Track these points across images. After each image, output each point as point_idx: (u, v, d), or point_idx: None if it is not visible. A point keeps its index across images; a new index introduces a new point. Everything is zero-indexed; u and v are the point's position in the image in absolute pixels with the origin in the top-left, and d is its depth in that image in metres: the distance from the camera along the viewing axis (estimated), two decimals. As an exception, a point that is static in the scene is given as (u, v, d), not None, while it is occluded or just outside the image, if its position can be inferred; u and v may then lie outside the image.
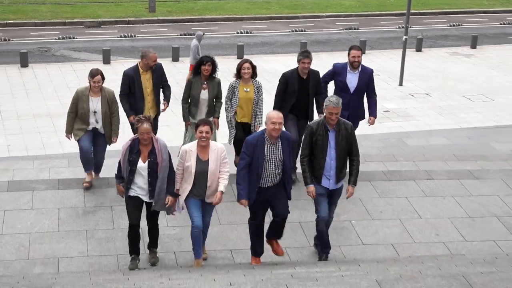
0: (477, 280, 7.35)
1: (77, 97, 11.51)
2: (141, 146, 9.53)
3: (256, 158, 9.36)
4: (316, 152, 9.75)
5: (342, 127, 9.77)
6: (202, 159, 9.45)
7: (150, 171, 9.51)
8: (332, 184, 9.83)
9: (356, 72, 12.10)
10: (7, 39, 28.10)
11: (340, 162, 9.80)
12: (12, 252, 10.05)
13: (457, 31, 32.29)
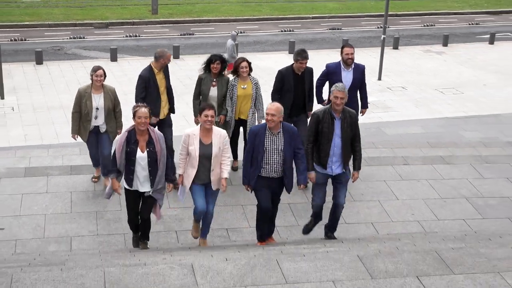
0: (448, 255, 7.37)
1: (79, 96, 10.88)
2: (138, 136, 8.89)
3: (257, 147, 9.02)
4: (321, 139, 9.28)
5: (347, 115, 9.32)
6: (204, 143, 8.99)
7: (149, 160, 8.89)
8: (335, 170, 9.40)
9: (350, 69, 11.47)
10: (23, 39, 28.06)
11: (345, 149, 9.34)
12: (29, 231, 10.05)
13: (430, 31, 32.30)
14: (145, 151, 8.88)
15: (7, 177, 11.72)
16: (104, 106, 10.96)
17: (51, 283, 6.49)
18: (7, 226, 10.16)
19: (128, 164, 8.92)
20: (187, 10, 33.94)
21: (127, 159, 8.90)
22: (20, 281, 6.49)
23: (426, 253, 7.44)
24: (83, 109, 10.77)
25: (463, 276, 6.95)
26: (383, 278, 6.87)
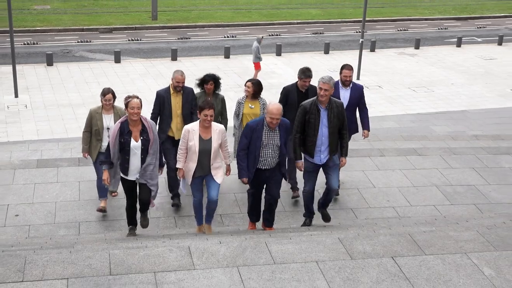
0: (420, 238, 7.39)
1: (90, 116, 10.01)
2: (131, 126, 8.51)
3: (254, 142, 8.62)
4: (308, 130, 8.85)
5: (333, 106, 8.86)
6: (204, 138, 8.60)
7: (143, 148, 8.53)
8: (323, 159, 9.00)
9: (347, 88, 10.53)
10: (35, 43, 27.98)
11: (332, 138, 8.91)
12: (41, 217, 10.03)
13: (403, 35, 32.37)
14: (139, 140, 8.53)
15: (20, 168, 11.68)
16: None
17: (61, 264, 6.48)
18: (21, 212, 10.13)
19: (123, 154, 8.59)
20: (184, 17, 33.89)
21: (121, 149, 8.55)
22: (33, 262, 6.48)
23: (400, 236, 7.46)
24: (93, 128, 9.97)
25: (433, 256, 6.98)
26: (362, 259, 6.89)
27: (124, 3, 36.39)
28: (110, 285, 6.18)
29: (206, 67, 24.75)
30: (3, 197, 10.60)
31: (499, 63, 27.39)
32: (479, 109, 20.62)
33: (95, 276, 6.32)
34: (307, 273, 6.56)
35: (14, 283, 6.11)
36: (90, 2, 36.09)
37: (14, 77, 20.59)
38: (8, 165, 12.00)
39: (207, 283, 6.30)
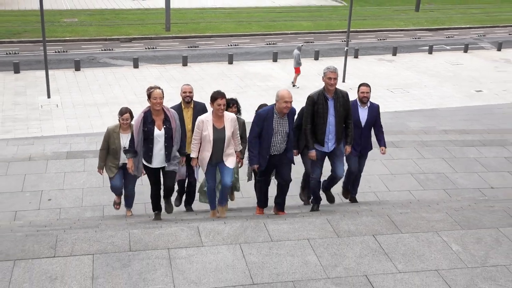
0: (397, 218, 7.38)
1: (108, 135, 9.06)
2: (154, 116, 7.94)
3: (266, 130, 7.95)
4: (317, 120, 8.18)
5: (339, 96, 8.25)
6: (218, 128, 7.90)
7: (166, 136, 7.96)
8: (331, 146, 8.37)
9: (365, 107, 9.34)
10: (65, 51, 28.01)
11: (339, 127, 8.29)
12: (71, 201, 10.04)
13: (382, 44, 32.35)
14: (162, 129, 7.95)
15: (52, 159, 11.69)
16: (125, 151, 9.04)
17: (88, 242, 6.47)
18: (54, 197, 10.14)
19: (147, 143, 7.99)
20: (193, 28, 33.85)
21: (145, 138, 7.97)
22: (63, 241, 6.47)
23: (380, 217, 7.45)
24: (111, 147, 9.06)
25: (408, 234, 6.97)
26: (347, 237, 6.87)
27: (141, 16, 36.34)
28: (130, 260, 6.17)
29: (212, 71, 24.79)
30: (38, 184, 10.61)
31: (465, 68, 27.40)
32: (448, 108, 20.67)
33: (117, 252, 6.31)
34: (299, 249, 6.55)
35: (47, 258, 6.11)
36: (112, 16, 36.04)
37: (47, 80, 20.62)
38: (42, 156, 12.01)
39: (214, 258, 6.30)
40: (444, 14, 41.58)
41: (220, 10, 39.58)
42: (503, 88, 23.88)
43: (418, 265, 6.35)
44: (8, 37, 29.76)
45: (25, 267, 5.94)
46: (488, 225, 7.32)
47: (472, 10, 43.38)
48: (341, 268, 6.25)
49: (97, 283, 5.78)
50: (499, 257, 6.60)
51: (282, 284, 5.92)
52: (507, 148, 12.98)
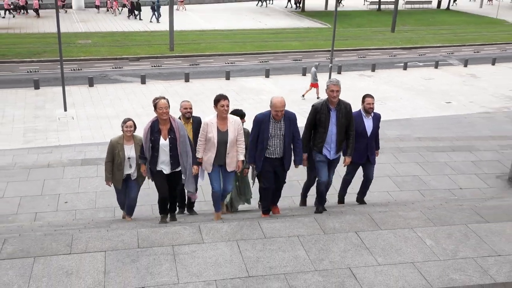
0: (377, 216, 7.38)
1: (112, 147, 8.38)
2: (160, 125, 7.40)
3: (262, 133, 7.47)
4: (319, 128, 7.74)
5: (342, 107, 7.81)
6: (221, 130, 7.44)
7: (171, 146, 7.39)
8: (332, 154, 7.84)
9: (370, 117, 8.91)
10: (80, 69, 27.99)
11: (340, 136, 7.78)
12: (85, 203, 9.98)
13: (362, 61, 32.44)
14: (167, 139, 7.41)
15: (69, 166, 11.65)
16: (135, 155, 8.42)
17: (100, 239, 6.44)
18: (70, 200, 10.09)
19: (153, 151, 7.49)
20: (194, 48, 33.88)
21: (152, 146, 7.47)
22: (78, 239, 6.43)
23: (362, 215, 7.45)
24: (116, 159, 8.40)
25: (387, 231, 6.96)
26: (332, 233, 6.87)
27: (148, 38, 36.35)
28: (138, 255, 6.14)
29: (211, 87, 24.79)
30: (55, 188, 10.55)
31: (436, 82, 27.52)
32: (421, 117, 20.72)
33: (127, 249, 6.28)
34: (290, 245, 6.53)
35: (64, 255, 6.07)
36: (122, 37, 36.03)
37: (64, 95, 20.59)
38: (59, 163, 11.96)
39: (213, 253, 6.27)
40: (417, 35, 41.77)
41: (218, 32, 39.64)
42: (470, 100, 23.99)
43: (396, 258, 6.35)
44: (29, 57, 29.73)
45: (44, 263, 5.90)
46: (458, 222, 7.33)
47: (441, 31, 43.62)
48: (327, 261, 6.24)
49: (109, 277, 5.75)
50: (468, 250, 6.61)
51: (274, 277, 5.91)
52: (474, 153, 13.03)
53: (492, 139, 15.20)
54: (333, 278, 5.91)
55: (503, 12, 53.84)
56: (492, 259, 6.44)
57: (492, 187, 11.03)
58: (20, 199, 10.09)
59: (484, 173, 11.73)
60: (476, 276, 6.09)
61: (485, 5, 60.01)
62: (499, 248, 6.69)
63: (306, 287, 5.75)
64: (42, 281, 5.62)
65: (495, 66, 31.88)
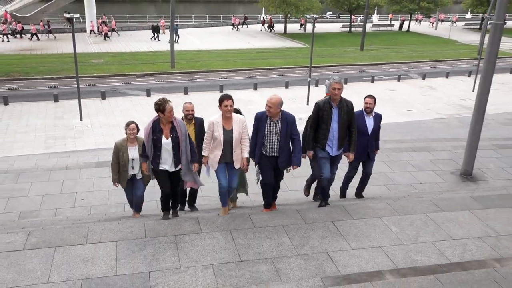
0: (350, 208, 7.40)
1: (117, 149, 7.86)
2: (162, 125, 6.72)
3: (259, 130, 6.94)
4: (321, 124, 7.12)
5: (344, 105, 7.14)
6: (227, 129, 6.81)
7: (174, 145, 6.72)
8: (334, 151, 7.24)
9: (371, 116, 8.30)
10: (93, 84, 27.83)
11: (342, 133, 7.15)
12: (99, 200, 9.91)
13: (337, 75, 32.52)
14: (169, 138, 6.73)
15: (84, 168, 11.57)
16: (139, 157, 7.85)
17: (112, 231, 6.39)
18: (86, 197, 10.01)
19: (155, 150, 6.77)
20: (192, 65, 33.81)
21: (154, 146, 6.77)
22: (93, 231, 6.38)
23: (337, 207, 7.46)
24: (121, 160, 7.87)
25: (359, 220, 6.98)
26: (312, 223, 6.87)
27: (152, 57, 36.22)
28: (145, 244, 6.10)
29: (207, 98, 24.75)
30: (73, 187, 10.47)
31: (399, 93, 27.70)
32: (387, 123, 20.62)
33: (135, 239, 6.24)
34: (276, 233, 6.52)
35: (81, 245, 6.01)
36: (130, 57, 35.87)
37: (80, 107, 20.45)
38: (76, 166, 11.87)
39: (210, 242, 6.24)
40: (382, 53, 42.02)
41: (213, 51, 39.61)
42: (428, 108, 24.17)
43: (366, 243, 6.37)
44: (50, 74, 29.52)
45: (64, 252, 5.85)
46: (419, 211, 7.37)
47: (403, 49, 43.92)
48: (308, 247, 6.23)
49: (120, 263, 5.71)
50: (427, 235, 6.64)
51: (263, 261, 5.89)
52: (431, 153, 13.11)
53: (447, 141, 15.32)
54: (313, 261, 5.91)
55: (454, 34, 54.40)
56: (447, 242, 6.48)
57: (447, 181, 11.12)
58: (43, 197, 10.00)
59: (440, 170, 11.82)
60: (434, 257, 6.13)
61: (439, 27, 60.61)
62: (453, 233, 6.73)
63: (290, 269, 5.74)
64: (62, 267, 5.56)
65: (449, 79, 32.17)
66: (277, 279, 5.55)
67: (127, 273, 5.52)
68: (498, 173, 11.52)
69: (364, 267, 5.86)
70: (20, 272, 5.45)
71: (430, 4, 54.53)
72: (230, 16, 57.49)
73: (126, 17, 54.31)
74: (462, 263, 6.01)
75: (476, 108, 11.08)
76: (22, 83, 27.62)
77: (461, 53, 42.85)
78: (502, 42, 11.61)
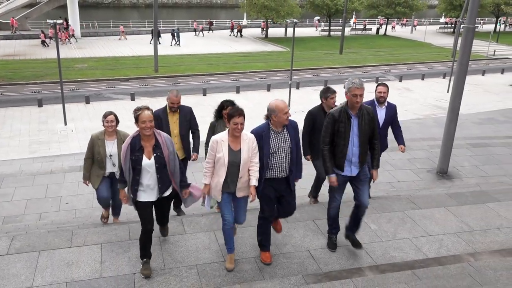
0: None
1: (92, 143, 6.65)
2: (143, 142, 5.10)
3: (261, 149, 5.29)
4: (338, 140, 5.49)
5: (364, 112, 5.54)
6: (233, 149, 5.21)
7: (158, 166, 5.10)
8: (354, 170, 5.62)
9: (383, 107, 7.49)
10: (77, 89, 27.40)
11: (363, 148, 5.55)
12: (83, 203, 9.77)
13: (317, 78, 32.72)
14: (152, 157, 5.11)
15: (69, 172, 11.41)
16: (118, 152, 6.57)
17: (97, 234, 6.32)
18: (70, 201, 9.86)
19: (134, 174, 5.10)
20: (176, 69, 33.62)
21: (132, 168, 5.09)
22: (78, 234, 6.30)
23: (318, 207, 7.48)
24: (96, 156, 6.62)
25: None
26: (293, 222, 6.88)
27: (136, 61, 35.93)
28: (130, 246, 6.04)
29: (190, 101, 24.55)
30: (58, 191, 10.30)
31: (377, 94, 27.91)
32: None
33: (120, 241, 6.17)
34: (259, 233, 6.51)
35: (65, 248, 5.93)
36: (113, 61, 35.52)
37: (64, 112, 20.16)
38: (61, 170, 11.70)
39: (194, 242, 6.21)
40: (360, 56, 42.40)
41: (195, 56, 39.47)
42: (405, 109, 24.43)
43: (347, 241, 6.36)
44: (33, 80, 29.04)
45: (48, 256, 5.76)
46: (396, 209, 7.44)
47: (380, 53, 44.39)
48: (290, 245, 6.24)
49: (105, 265, 5.64)
50: (404, 232, 6.71)
51: (246, 260, 5.88)
52: (409, 152, 13.25)
53: (423, 140, 15.51)
54: (295, 259, 5.92)
55: (429, 37, 55.21)
56: (424, 238, 6.56)
57: (423, 179, 11.24)
58: (27, 202, 9.82)
59: (417, 168, 11.95)
60: (412, 253, 6.19)
61: (415, 31, 61.44)
62: (430, 230, 6.82)
63: (272, 268, 5.74)
64: (46, 271, 5.47)
65: (424, 81, 32.62)
66: (260, 277, 5.54)
67: (111, 275, 5.45)
68: (471, 171, 11.70)
69: (344, 264, 5.88)
70: (3, 277, 5.34)
71: (405, 9, 55.28)
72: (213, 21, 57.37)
73: (110, 22, 53.80)
74: (439, 258, 6.09)
75: (450, 108, 11.24)
76: (5, 89, 27.14)
77: (436, 56, 43.50)
78: (474, 45, 11.81)
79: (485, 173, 11.33)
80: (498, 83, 32.32)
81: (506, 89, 30.42)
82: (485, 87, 30.79)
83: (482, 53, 44.86)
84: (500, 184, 9.98)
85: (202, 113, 11.48)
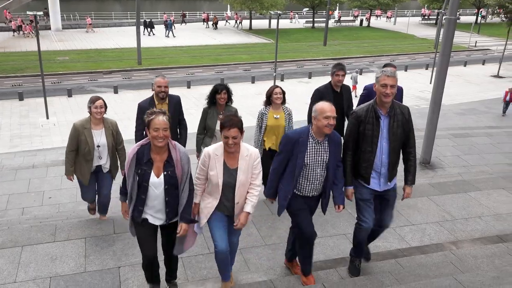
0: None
1: (76, 133, 5.75)
2: (153, 154, 4.05)
3: (295, 158, 4.33)
4: (363, 145, 4.48)
5: (397, 111, 4.45)
6: (230, 167, 4.22)
7: (167, 188, 4.06)
8: (383, 184, 4.62)
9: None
10: (59, 82, 27.12)
11: (394, 157, 4.54)
12: (67, 198, 9.67)
13: (301, 70, 32.82)
14: (161, 175, 4.06)
15: (52, 166, 11.27)
16: (107, 142, 5.94)
17: (81, 228, 6.27)
18: (53, 195, 9.75)
19: (139, 191, 4.10)
20: (159, 62, 33.40)
21: (138, 184, 4.08)
22: (61, 229, 6.24)
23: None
24: (83, 147, 5.77)
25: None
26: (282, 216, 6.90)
27: (118, 54, 35.56)
28: (114, 240, 6.01)
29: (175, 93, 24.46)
30: (40, 185, 10.18)
31: (360, 86, 28.06)
32: (350, 115, 21.12)
33: (104, 235, 6.13)
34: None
35: (48, 243, 5.88)
36: (96, 54, 35.11)
37: (45, 105, 19.90)
38: (43, 164, 11.55)
39: (179, 235, 6.19)
40: (344, 47, 42.59)
41: (179, 48, 39.20)
42: (388, 100, 24.70)
43: (331, 231, 6.47)
44: (14, 73, 28.58)
45: (31, 251, 5.70)
46: (380, 199, 7.51)
47: (364, 45, 44.64)
48: (275, 237, 6.27)
49: (89, 259, 5.60)
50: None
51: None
52: (392, 143, 13.39)
53: (406, 131, 15.68)
54: (280, 251, 5.95)
55: (411, 29, 55.63)
56: (407, 228, 6.65)
57: (407, 170, 11.39)
58: (9, 197, 9.67)
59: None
60: (395, 242, 6.28)
61: (398, 23, 61.84)
62: (413, 219, 6.91)
63: (258, 259, 5.77)
64: (30, 266, 5.42)
65: (407, 72, 32.92)
66: (245, 269, 5.56)
67: (96, 270, 5.42)
68: (454, 161, 11.88)
69: (329, 254, 5.94)
70: (-14, 273, 5.27)
71: (388, 0, 55.57)
72: (196, 13, 56.94)
73: (91, 14, 53.01)
74: (421, 247, 6.18)
75: (432, 99, 11.37)
76: (-15, 82, 26.68)
77: (418, 47, 43.90)
78: (456, 36, 11.93)
79: (467, 163, 11.51)
80: (479, 73, 32.80)
81: (487, 79, 30.90)
82: (467, 78, 31.22)
83: (464, 44, 45.40)
84: (481, 174, 10.16)
85: (187, 105, 11.42)
